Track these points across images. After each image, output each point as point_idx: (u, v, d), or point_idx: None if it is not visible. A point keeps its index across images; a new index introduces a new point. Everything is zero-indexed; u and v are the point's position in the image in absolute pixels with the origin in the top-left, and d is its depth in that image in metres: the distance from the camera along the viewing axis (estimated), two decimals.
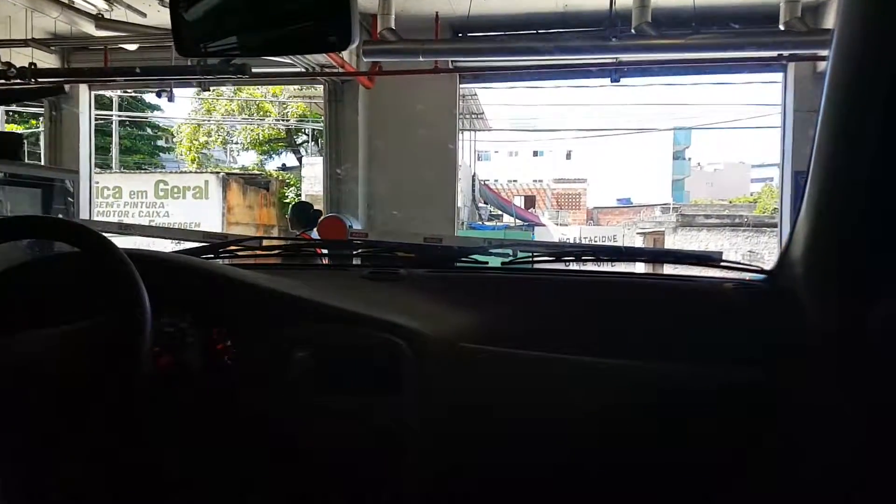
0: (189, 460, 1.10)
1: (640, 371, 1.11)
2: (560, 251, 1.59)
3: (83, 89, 7.79)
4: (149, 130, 26.24)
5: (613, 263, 1.55)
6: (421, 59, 5.72)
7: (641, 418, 1.10)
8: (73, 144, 7.71)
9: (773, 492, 1.04)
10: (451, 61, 6.47)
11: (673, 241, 19.44)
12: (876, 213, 0.91)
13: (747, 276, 1.37)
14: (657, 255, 2.15)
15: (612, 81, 6.91)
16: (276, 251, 2.04)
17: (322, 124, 7.50)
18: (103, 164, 22.06)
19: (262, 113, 21.57)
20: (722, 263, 1.41)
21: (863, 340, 0.93)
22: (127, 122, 24.45)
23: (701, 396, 1.10)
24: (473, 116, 23.81)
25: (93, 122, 8.05)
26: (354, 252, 1.90)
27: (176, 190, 15.80)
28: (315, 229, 4.91)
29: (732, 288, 1.29)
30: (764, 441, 1.05)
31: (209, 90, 7.84)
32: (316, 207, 5.62)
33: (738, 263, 1.43)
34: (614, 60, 6.25)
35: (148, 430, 1.07)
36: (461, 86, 7.16)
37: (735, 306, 1.24)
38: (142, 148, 25.40)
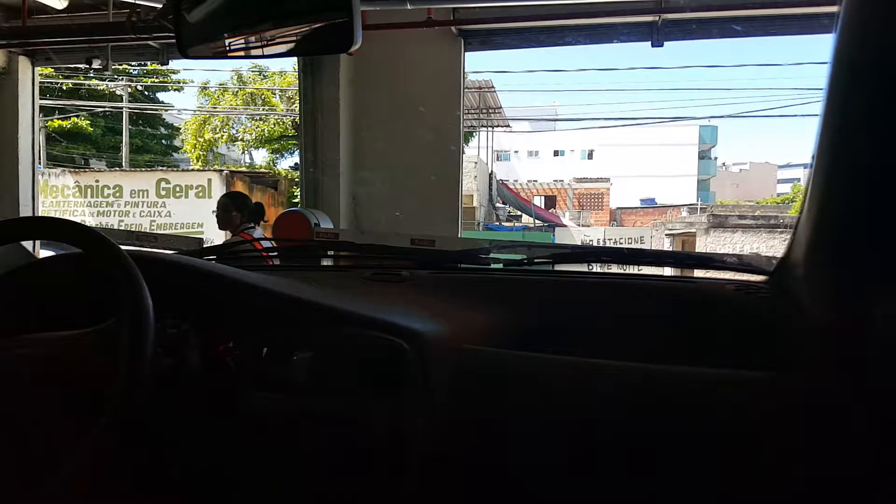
0: (191, 461, 1.09)
1: (643, 372, 1.09)
2: (563, 253, 1.69)
3: (24, 64, 6.63)
4: (162, 129, 25.64)
5: (616, 265, 1.72)
6: (409, 6, 4.40)
7: (643, 419, 1.05)
8: (9, 132, 6.55)
9: (774, 492, 0.99)
10: (453, 9, 5.09)
11: (705, 244, 18.47)
12: (877, 213, 0.87)
13: (749, 277, 1.37)
14: (659, 257, 2.15)
15: (653, 45, 5.68)
16: (279, 252, 2.14)
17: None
18: (113, 163, 21.48)
19: (268, 108, 20.71)
20: (723, 264, 1.46)
21: (863, 340, 0.91)
22: (139, 121, 23.75)
23: (702, 397, 1.06)
24: (491, 111, 22.60)
25: (37, 106, 6.86)
26: (357, 254, 1.93)
27: (178, 189, 15.08)
28: (256, 226, 3.71)
29: (734, 289, 1.31)
30: (765, 442, 1.01)
31: (167, 63, 6.60)
32: (256, 200, 4.28)
33: (740, 265, 1.45)
34: (656, 5, 4.90)
35: (150, 432, 1.05)
36: (467, 53, 5.77)
37: (736, 307, 1.28)
38: (154, 147, 24.77)
